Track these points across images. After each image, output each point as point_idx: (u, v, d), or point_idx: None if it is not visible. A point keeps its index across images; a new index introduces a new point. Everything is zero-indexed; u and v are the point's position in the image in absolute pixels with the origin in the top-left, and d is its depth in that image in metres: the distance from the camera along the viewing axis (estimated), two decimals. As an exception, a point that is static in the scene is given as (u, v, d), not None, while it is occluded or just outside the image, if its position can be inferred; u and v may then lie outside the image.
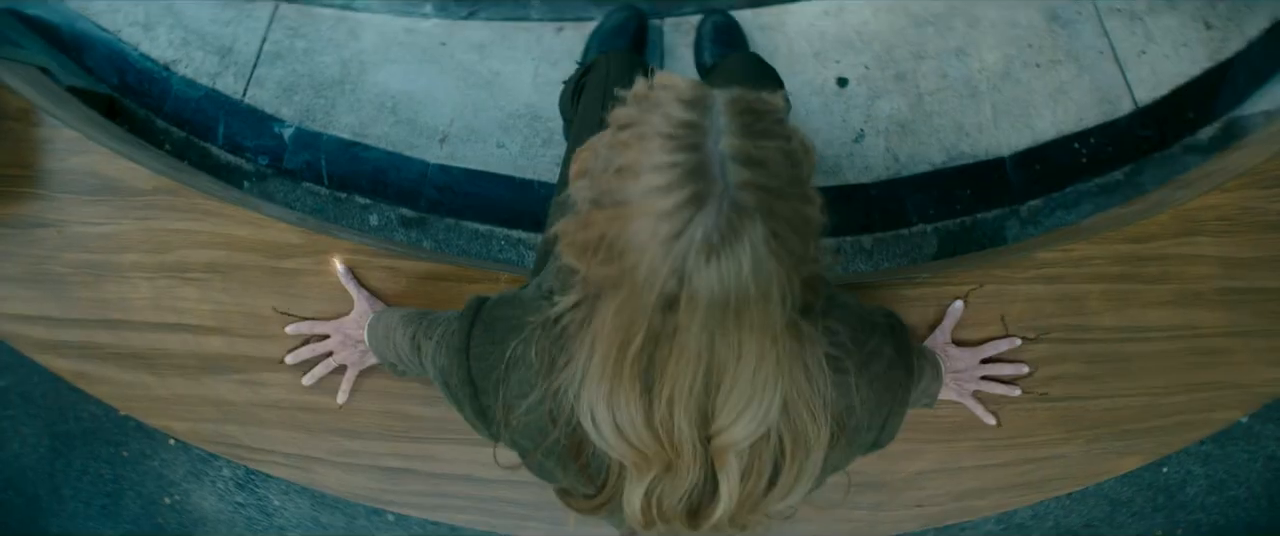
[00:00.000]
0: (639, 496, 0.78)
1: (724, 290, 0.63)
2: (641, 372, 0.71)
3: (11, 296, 1.70)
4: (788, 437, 0.78)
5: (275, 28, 2.29)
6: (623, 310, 0.68)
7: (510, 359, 0.87)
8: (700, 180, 0.62)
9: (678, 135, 0.63)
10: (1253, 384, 1.74)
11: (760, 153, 0.64)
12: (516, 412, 0.86)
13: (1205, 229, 1.70)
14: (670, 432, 0.73)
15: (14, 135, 1.75)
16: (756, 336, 0.67)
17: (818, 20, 2.25)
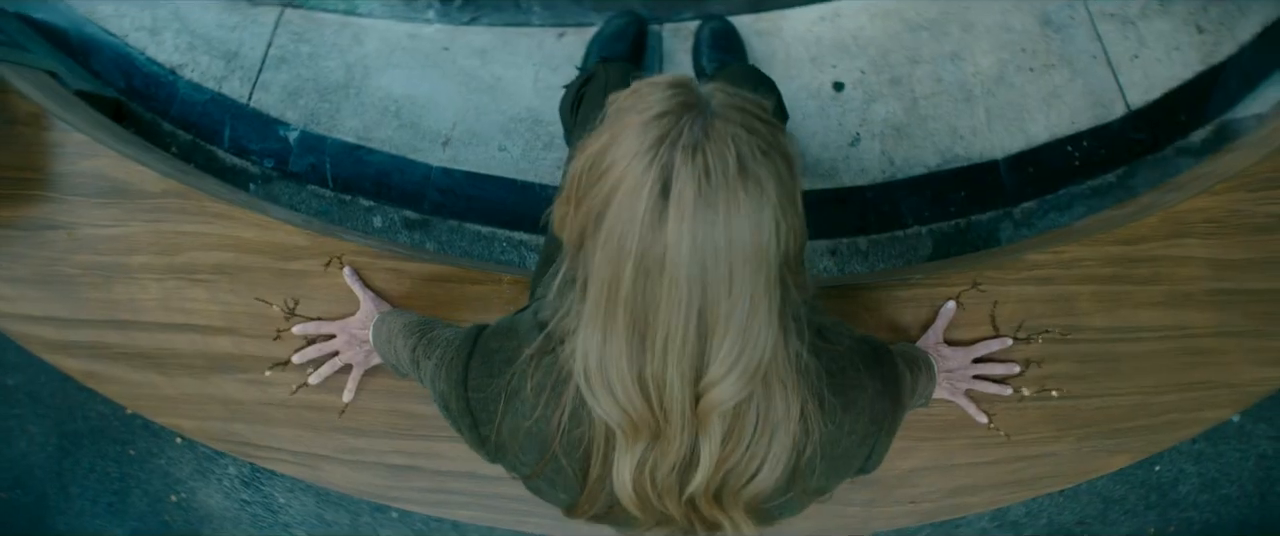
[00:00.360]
0: (630, 469, 0.79)
1: (712, 186, 0.64)
2: (633, 319, 0.72)
3: (22, 297, 1.71)
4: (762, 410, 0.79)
5: (280, 33, 2.31)
6: (609, 242, 0.69)
7: (508, 390, 0.89)
8: (686, 95, 0.67)
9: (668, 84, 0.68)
10: (1243, 383, 1.74)
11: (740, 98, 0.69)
12: (517, 439, 0.89)
13: (1194, 231, 1.72)
14: (661, 389, 0.74)
15: (24, 139, 1.76)
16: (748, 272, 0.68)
17: (814, 26, 2.27)
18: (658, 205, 0.64)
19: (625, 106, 0.69)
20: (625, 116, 0.68)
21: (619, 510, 0.86)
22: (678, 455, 0.78)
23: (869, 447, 0.95)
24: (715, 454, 0.78)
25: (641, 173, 0.64)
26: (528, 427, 0.87)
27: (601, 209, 0.68)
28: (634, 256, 0.67)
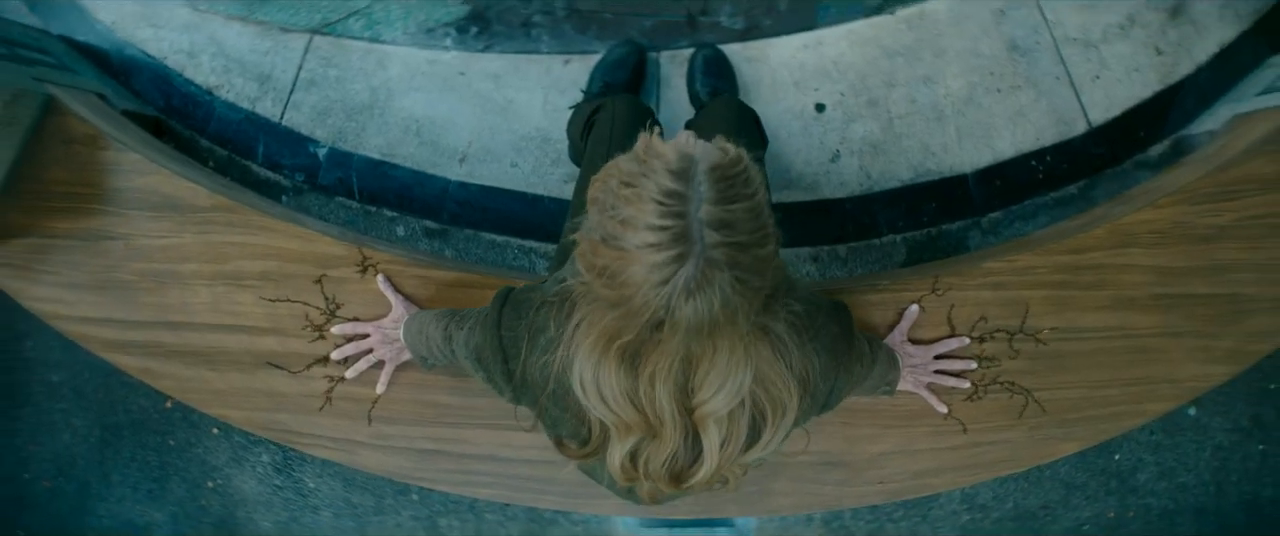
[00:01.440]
0: (620, 456, 0.97)
1: (699, 318, 0.83)
2: (625, 360, 0.90)
3: (81, 301, 1.87)
4: (767, 403, 0.97)
5: (310, 58, 2.48)
6: (618, 319, 0.88)
7: (533, 327, 1.08)
8: (683, 243, 0.82)
9: (666, 203, 0.82)
10: (1183, 379, 1.90)
11: (731, 216, 0.83)
12: (535, 366, 1.06)
13: (1139, 241, 1.88)
14: (652, 404, 0.92)
15: (81, 158, 1.91)
16: (727, 340, 0.88)
17: (798, 53, 2.45)
18: (657, 318, 0.84)
19: (631, 217, 0.83)
20: (630, 235, 0.82)
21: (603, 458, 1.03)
22: (673, 449, 0.95)
23: (831, 383, 1.14)
24: (716, 454, 0.96)
25: (647, 297, 0.82)
26: (546, 360, 1.04)
27: (614, 300, 0.87)
28: (633, 335, 0.87)
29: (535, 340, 1.06)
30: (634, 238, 0.82)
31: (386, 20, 2.46)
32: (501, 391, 1.17)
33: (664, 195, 0.82)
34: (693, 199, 0.82)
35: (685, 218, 0.81)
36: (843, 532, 2.69)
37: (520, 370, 1.09)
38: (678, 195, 0.82)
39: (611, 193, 0.87)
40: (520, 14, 2.44)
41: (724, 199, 0.83)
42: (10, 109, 1.90)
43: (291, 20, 2.46)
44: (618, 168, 0.89)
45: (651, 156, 0.85)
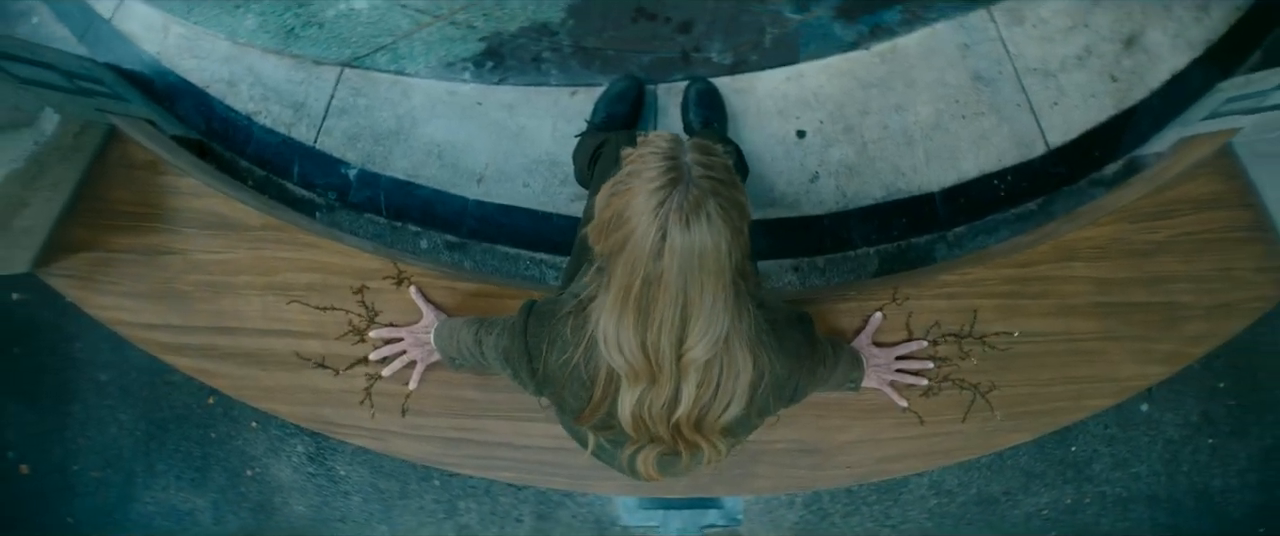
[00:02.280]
0: (630, 403, 1.20)
1: (690, 241, 1.06)
2: (640, 309, 1.12)
3: (142, 309, 2.09)
4: (726, 364, 1.19)
5: (341, 88, 2.70)
6: (626, 261, 1.10)
7: (553, 334, 1.31)
8: (674, 173, 1.06)
9: (663, 155, 1.07)
10: (1123, 378, 2.13)
11: (710, 162, 1.08)
12: (555, 365, 1.30)
13: (1080, 256, 2.11)
14: (656, 352, 1.14)
15: (141, 181, 2.14)
16: (713, 280, 1.09)
17: (781, 85, 2.66)
18: (657, 245, 1.06)
19: (636, 170, 1.09)
20: (635, 180, 1.08)
21: (615, 425, 1.25)
22: (666, 394, 1.18)
23: (796, 381, 1.36)
24: (692, 394, 1.18)
25: (648, 225, 1.06)
26: (563, 359, 1.28)
27: (621, 243, 1.10)
28: (641, 274, 1.09)
29: (554, 344, 1.30)
30: (637, 181, 1.07)
31: (410, 55, 2.67)
32: (526, 385, 1.40)
33: (661, 153, 1.08)
34: (682, 153, 1.08)
35: (676, 159, 1.07)
36: (821, 513, 2.88)
37: (542, 368, 1.32)
38: (671, 152, 1.08)
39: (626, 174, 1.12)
40: (531, 50, 2.65)
41: (704, 153, 1.10)
42: (79, 138, 2.11)
43: (324, 54, 2.67)
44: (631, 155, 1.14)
45: (651, 139, 1.12)
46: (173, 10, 2.74)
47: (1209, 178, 2.20)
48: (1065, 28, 2.74)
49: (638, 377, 1.18)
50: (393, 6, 2.66)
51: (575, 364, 1.26)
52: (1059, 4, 2.74)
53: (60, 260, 2.11)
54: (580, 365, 1.26)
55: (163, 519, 2.95)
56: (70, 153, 2.11)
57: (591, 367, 1.25)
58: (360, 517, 2.91)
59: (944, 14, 2.69)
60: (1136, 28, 2.76)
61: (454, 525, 2.90)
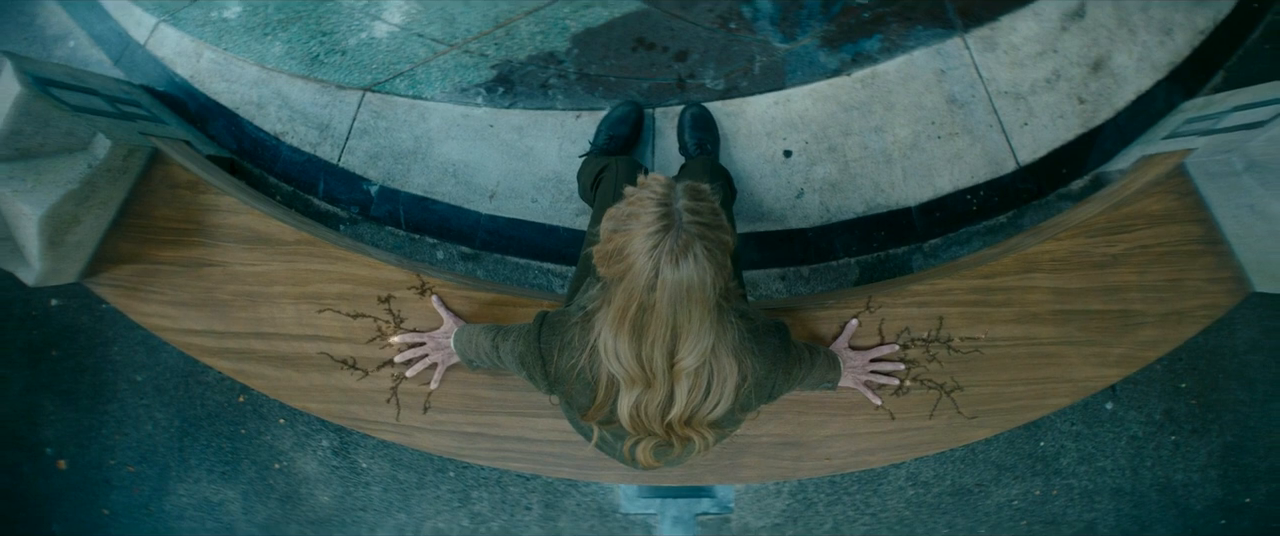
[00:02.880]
0: (628, 405, 1.38)
1: (678, 278, 1.24)
2: (635, 329, 1.30)
3: (184, 316, 2.25)
4: (714, 370, 1.38)
5: (363, 111, 2.85)
6: (625, 289, 1.29)
7: (563, 340, 1.50)
8: (667, 220, 1.24)
9: (658, 202, 1.24)
10: (1081, 379, 2.29)
11: (699, 209, 1.26)
12: (565, 367, 1.48)
13: (1041, 267, 2.27)
14: (650, 363, 1.32)
15: (184, 200, 2.30)
16: (699, 306, 1.28)
17: (769, 108, 2.82)
18: (651, 279, 1.25)
19: (635, 212, 1.26)
20: (634, 222, 1.25)
21: (616, 420, 1.43)
22: (661, 397, 1.37)
23: (774, 381, 1.54)
24: (685, 396, 1.37)
25: (644, 263, 1.24)
26: (571, 363, 1.46)
27: (621, 274, 1.29)
28: (637, 301, 1.28)
29: (564, 349, 1.49)
30: (636, 223, 1.25)
31: (427, 81, 2.83)
32: (539, 385, 1.59)
33: (657, 199, 1.25)
34: (675, 199, 1.26)
35: (669, 206, 1.25)
36: (806, 502, 3.03)
37: (554, 370, 1.52)
38: (666, 199, 1.25)
39: (620, 210, 1.30)
40: (539, 77, 2.81)
41: (694, 199, 1.27)
42: (126, 160, 2.26)
43: (346, 79, 2.84)
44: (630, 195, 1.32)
45: (648, 182, 1.30)
46: (204, 36, 2.90)
47: (1163, 195, 2.35)
48: (1035, 53, 2.88)
49: (634, 383, 1.37)
50: (410, 36, 2.82)
51: (581, 367, 1.45)
52: (1030, 31, 2.88)
53: (106, 271, 2.27)
54: (586, 369, 1.44)
55: (195, 509, 3.07)
56: (118, 174, 2.26)
57: (595, 371, 1.43)
58: (380, 507, 3.04)
59: (921, 42, 2.84)
60: (1103, 52, 2.90)
61: (467, 513, 3.03)
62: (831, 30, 2.83)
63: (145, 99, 2.82)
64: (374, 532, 3.05)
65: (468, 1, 2.82)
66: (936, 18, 2.85)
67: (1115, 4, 2.93)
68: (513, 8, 2.81)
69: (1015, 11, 2.90)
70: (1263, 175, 2.20)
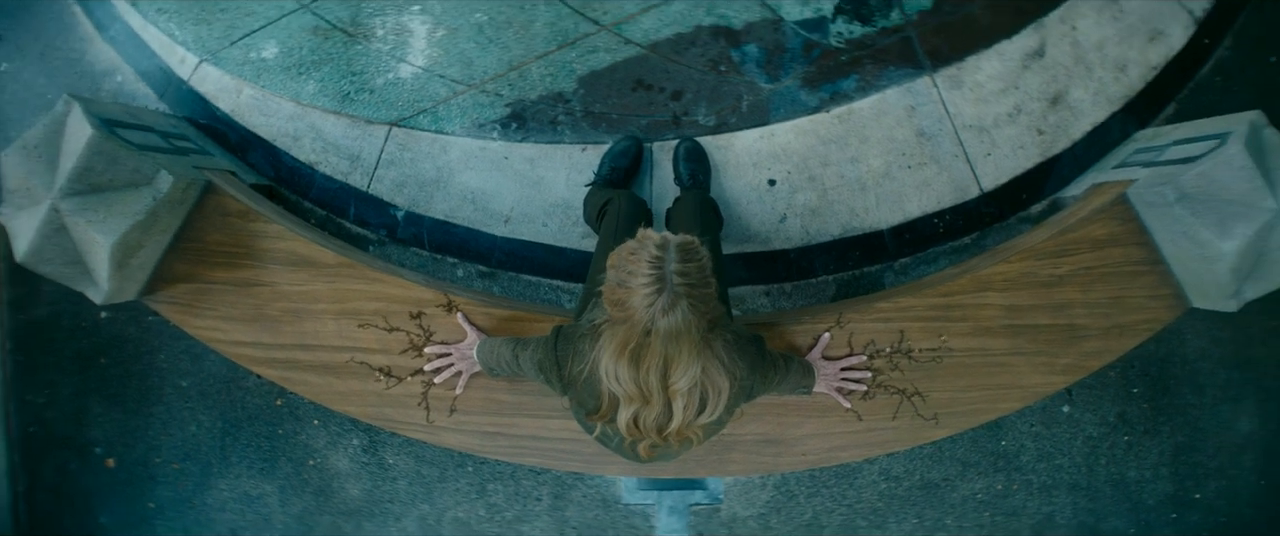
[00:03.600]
0: (626, 417, 1.64)
1: (670, 327, 1.50)
2: (633, 358, 1.55)
3: (235, 329, 2.51)
4: (709, 387, 1.63)
5: (389, 143, 3.10)
6: (626, 333, 1.55)
7: (575, 350, 1.76)
8: (660, 284, 1.49)
9: (653, 262, 1.48)
10: (1028, 386, 2.56)
11: (687, 270, 1.50)
12: (576, 372, 1.73)
13: (994, 286, 2.52)
14: (646, 386, 1.58)
15: (235, 226, 2.54)
16: (687, 344, 1.54)
17: (755, 142, 3.07)
18: (646, 326, 1.51)
19: (633, 271, 1.51)
20: (632, 281, 1.50)
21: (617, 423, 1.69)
22: (657, 411, 1.62)
23: (752, 384, 1.81)
24: (681, 412, 1.63)
25: (640, 315, 1.50)
26: (581, 370, 1.72)
27: (621, 319, 1.55)
28: (635, 340, 1.54)
29: (575, 357, 1.76)
30: (635, 281, 1.50)
31: (447, 117, 3.08)
32: (554, 386, 1.86)
33: (652, 259, 1.50)
34: (667, 260, 1.50)
35: (662, 268, 1.49)
36: (788, 494, 3.28)
37: (567, 374, 1.79)
38: (659, 259, 1.50)
39: (623, 261, 1.55)
40: (548, 114, 3.07)
41: (684, 261, 1.51)
42: (184, 192, 2.48)
43: (375, 115, 3.09)
44: (626, 247, 1.57)
45: (645, 239, 1.55)
46: (244, 75, 3.15)
47: (1107, 221, 2.58)
48: (998, 90, 3.12)
49: (631, 401, 1.62)
50: (432, 77, 3.08)
51: (588, 375, 1.71)
52: (993, 70, 3.12)
53: (164, 290, 2.52)
54: (592, 376, 1.70)
55: (236, 502, 3.32)
56: (177, 204, 2.48)
57: (598, 380, 1.68)
58: (405, 499, 3.29)
59: (893, 81, 3.10)
60: (1061, 88, 3.14)
61: (484, 503, 3.29)
62: (811, 71, 3.08)
63: (191, 132, 3.05)
64: (400, 522, 3.30)
65: (484, 46, 3.07)
66: (907, 59, 3.11)
67: (1073, 44, 3.15)
68: (525, 52, 3.06)
69: (980, 52, 3.14)
70: (1192, 206, 2.42)
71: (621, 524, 3.32)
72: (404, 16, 3.10)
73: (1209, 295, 2.54)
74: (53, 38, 3.35)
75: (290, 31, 3.14)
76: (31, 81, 3.34)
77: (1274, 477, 3.41)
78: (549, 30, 3.08)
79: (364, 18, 3.11)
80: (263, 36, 3.16)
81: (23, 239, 2.37)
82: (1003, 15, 3.17)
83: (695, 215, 2.56)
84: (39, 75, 3.34)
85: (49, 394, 3.34)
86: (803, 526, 3.34)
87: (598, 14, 3.06)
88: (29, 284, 3.28)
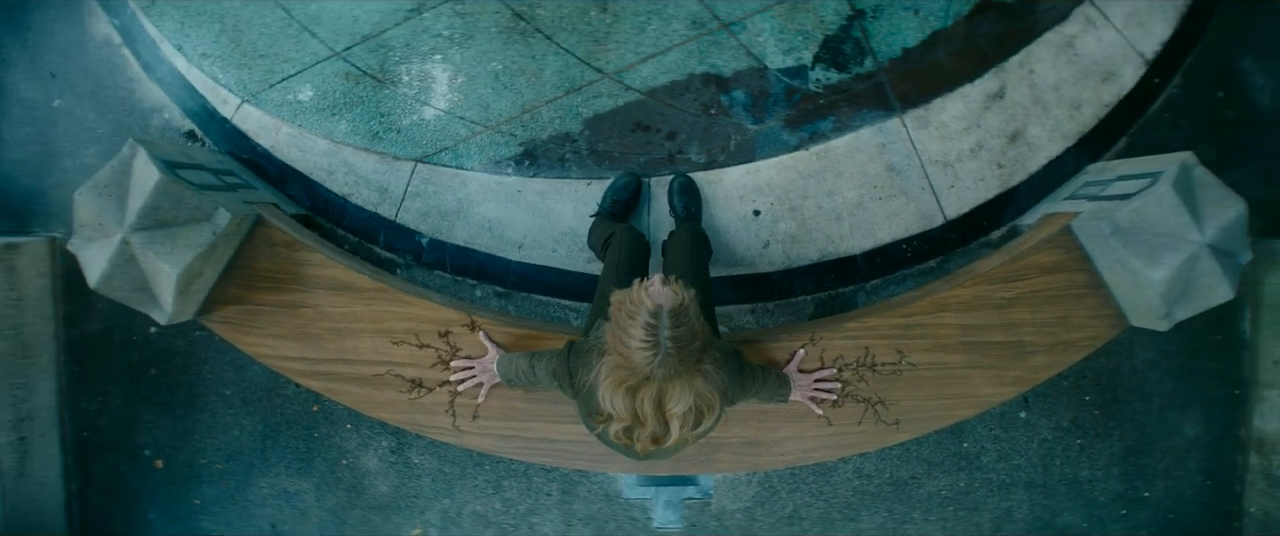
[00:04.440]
0: (617, 429, 1.91)
1: (664, 373, 1.81)
2: (629, 391, 1.85)
3: (283, 345, 2.80)
4: (703, 405, 1.89)
5: (415, 178, 3.40)
6: (625, 372, 1.84)
7: (584, 363, 2.05)
8: (655, 346, 1.78)
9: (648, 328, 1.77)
10: (981, 395, 2.84)
11: (677, 334, 1.78)
12: (585, 380, 2.02)
13: (950, 308, 2.79)
14: (641, 411, 1.86)
15: (282, 255, 2.80)
16: (679, 382, 1.85)
17: (741, 177, 3.37)
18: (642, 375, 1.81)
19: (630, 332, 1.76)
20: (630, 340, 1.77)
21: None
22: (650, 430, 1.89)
23: (734, 391, 2.09)
24: (678, 430, 1.90)
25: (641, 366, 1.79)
26: (587, 379, 2.00)
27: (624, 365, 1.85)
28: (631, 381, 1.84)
29: (584, 368, 2.05)
30: (632, 341, 1.80)
31: (467, 154, 3.38)
32: (566, 391, 2.16)
33: (647, 326, 1.78)
34: (660, 327, 1.78)
35: (656, 334, 1.79)
36: (771, 489, 3.61)
37: (577, 382, 2.09)
38: (653, 326, 1.78)
39: (624, 316, 1.82)
40: (557, 152, 3.37)
41: (675, 326, 1.78)
42: (238, 226, 2.74)
43: (401, 152, 3.39)
44: (628, 299, 1.83)
45: (641, 302, 1.82)
46: (282, 115, 3.43)
47: (1053, 250, 2.84)
48: (961, 129, 3.40)
49: (624, 421, 1.90)
50: (453, 118, 3.38)
51: (593, 384, 2.01)
52: (957, 111, 3.40)
53: (217, 310, 2.79)
54: (595, 388, 1.98)
55: (275, 499, 3.61)
56: (231, 236, 2.73)
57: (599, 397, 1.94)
58: (429, 494, 3.58)
59: (866, 122, 3.39)
60: (1020, 126, 3.41)
61: (500, 498, 3.59)
62: (792, 114, 3.38)
63: (237, 167, 3.32)
64: (424, 515, 3.62)
65: (499, 91, 3.37)
66: (879, 102, 3.40)
67: (1031, 86, 3.43)
68: (536, 97, 3.36)
69: (945, 94, 3.41)
70: (1125, 239, 2.67)
71: (622, 516, 3.62)
72: (427, 64, 3.39)
73: (1144, 316, 2.77)
74: (103, 77, 3.57)
75: (324, 76, 3.42)
76: (83, 117, 3.58)
77: (1219, 478, 3.67)
78: (557, 78, 3.37)
79: (391, 65, 3.39)
80: (299, 80, 3.43)
81: (95, 268, 2.61)
82: (966, 61, 3.42)
83: (687, 248, 2.86)
84: (90, 111, 3.57)
85: (102, 402, 3.59)
86: (784, 519, 3.63)
87: (601, 63, 3.35)
88: (82, 301, 3.53)
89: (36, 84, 3.59)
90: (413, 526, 3.65)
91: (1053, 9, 3.46)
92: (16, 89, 3.59)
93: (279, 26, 3.42)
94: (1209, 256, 2.67)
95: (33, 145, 3.60)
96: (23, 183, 3.61)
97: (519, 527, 3.68)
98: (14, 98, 3.59)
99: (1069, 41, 3.47)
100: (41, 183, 3.60)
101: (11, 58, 3.58)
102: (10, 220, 3.61)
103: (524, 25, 3.36)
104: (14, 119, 3.60)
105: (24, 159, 3.60)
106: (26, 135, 3.60)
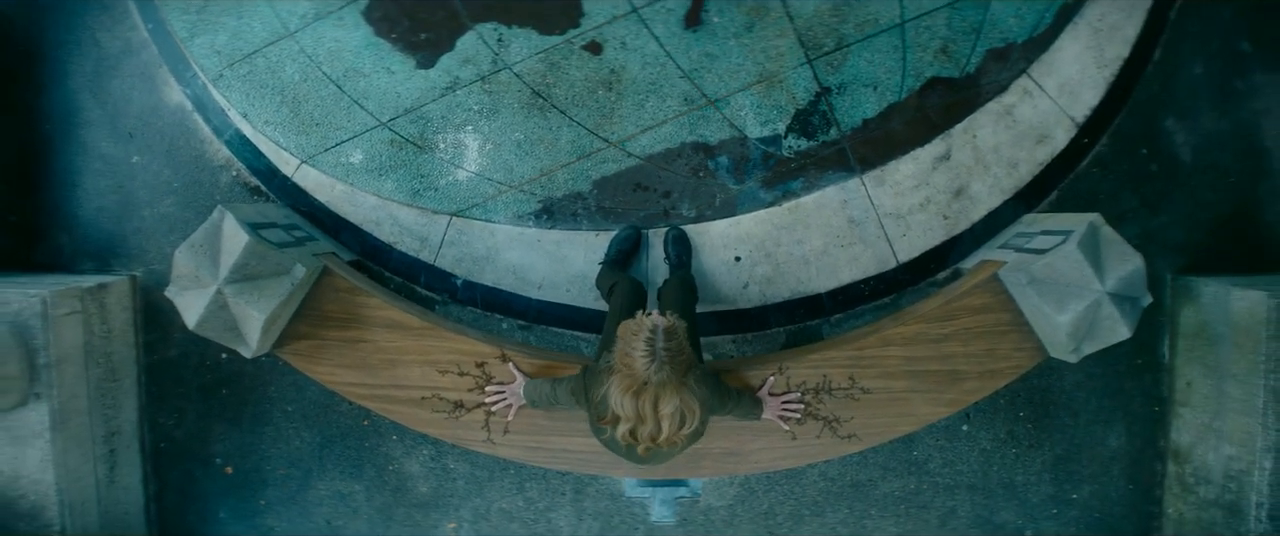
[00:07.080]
0: (624, 430, 2.50)
1: (660, 380, 2.39)
2: (634, 394, 2.42)
3: (344, 372, 3.33)
4: (686, 409, 2.46)
5: (450, 229, 3.92)
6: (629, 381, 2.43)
7: (596, 381, 2.61)
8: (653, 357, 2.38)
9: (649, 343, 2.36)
10: (921, 414, 3.37)
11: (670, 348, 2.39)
12: (596, 395, 2.58)
13: (895, 343, 3.31)
14: (643, 411, 2.43)
15: (345, 299, 3.31)
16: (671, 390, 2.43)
17: (726, 229, 3.87)
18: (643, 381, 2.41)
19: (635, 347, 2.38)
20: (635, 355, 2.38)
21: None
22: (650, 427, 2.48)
23: (712, 406, 2.67)
24: (668, 427, 2.48)
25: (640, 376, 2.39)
26: (599, 395, 2.56)
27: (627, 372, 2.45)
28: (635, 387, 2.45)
29: (597, 386, 2.59)
30: (636, 353, 2.37)
31: (494, 210, 3.89)
32: (581, 405, 2.70)
33: (647, 340, 2.37)
34: (657, 340, 2.37)
35: (654, 347, 2.37)
36: (749, 490, 4.11)
37: (591, 397, 2.62)
38: (652, 340, 2.37)
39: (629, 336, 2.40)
40: (570, 208, 3.86)
41: (668, 341, 2.38)
42: (310, 276, 3.25)
43: (438, 207, 3.90)
44: (633, 323, 2.42)
45: (642, 325, 2.41)
46: (336, 175, 3.91)
47: (982, 293, 3.34)
48: (912, 186, 3.89)
49: (629, 420, 2.47)
50: (482, 180, 3.89)
51: (603, 398, 2.54)
52: (909, 171, 3.89)
53: (290, 345, 3.30)
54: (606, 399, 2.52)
55: (330, 499, 4.09)
56: (304, 285, 3.24)
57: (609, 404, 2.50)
58: (463, 495, 4.08)
59: (831, 181, 3.89)
60: (964, 183, 3.89)
61: (522, 497, 4.09)
62: (769, 175, 3.87)
63: (300, 220, 3.78)
64: (458, 511, 4.12)
65: (521, 157, 3.88)
66: (842, 164, 3.89)
67: (974, 149, 3.88)
68: (552, 162, 3.88)
69: (899, 157, 3.90)
70: (1040, 288, 3.15)
71: (625, 512, 4.10)
72: (460, 134, 3.88)
73: (1059, 349, 3.24)
74: (176, 138, 3.99)
75: (372, 142, 3.89)
76: (159, 172, 4.00)
77: (1140, 483, 4.09)
78: (570, 146, 3.85)
79: (430, 134, 3.88)
80: (350, 145, 3.90)
81: (192, 313, 3.10)
82: (918, 129, 3.89)
83: (678, 293, 3.40)
84: (165, 167, 4.00)
85: (178, 417, 4.03)
86: (761, 515, 4.15)
87: (607, 133, 3.85)
88: (159, 330, 3.96)
89: (116, 142, 3.96)
90: (448, 521, 4.17)
91: (994, 82, 3.87)
92: (98, 146, 3.96)
93: (332, 100, 3.86)
94: (1109, 302, 3.12)
95: (113, 195, 3.98)
96: (105, 227, 4.01)
97: (538, 522, 4.14)
98: (96, 153, 3.96)
99: (1008, 110, 3.90)
100: (122, 228, 4.01)
101: (94, 118, 3.96)
102: (93, 260, 4.01)
103: (542, 102, 3.85)
104: (96, 172, 3.98)
105: (105, 206, 3.99)
106: (107, 186, 3.98)
